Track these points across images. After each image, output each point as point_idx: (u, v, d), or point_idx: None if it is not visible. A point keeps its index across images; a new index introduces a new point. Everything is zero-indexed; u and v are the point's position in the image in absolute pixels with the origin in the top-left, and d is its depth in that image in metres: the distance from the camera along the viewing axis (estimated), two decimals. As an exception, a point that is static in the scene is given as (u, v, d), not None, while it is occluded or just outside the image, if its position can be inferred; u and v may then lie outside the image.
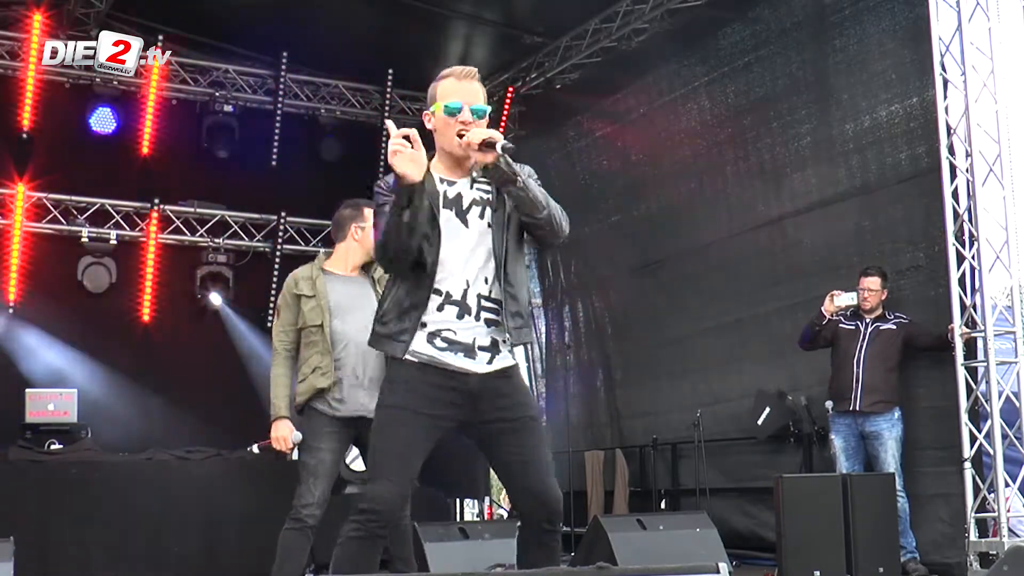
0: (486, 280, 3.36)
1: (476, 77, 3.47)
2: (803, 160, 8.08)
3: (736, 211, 8.65)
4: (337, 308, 4.87)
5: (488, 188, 3.42)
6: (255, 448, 4.65)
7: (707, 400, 8.70)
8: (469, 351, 3.33)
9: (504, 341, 3.38)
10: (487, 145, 3.24)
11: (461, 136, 3.32)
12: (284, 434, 4.87)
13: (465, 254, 3.36)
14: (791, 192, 8.17)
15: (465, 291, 3.34)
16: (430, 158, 3.41)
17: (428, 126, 3.47)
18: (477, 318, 3.34)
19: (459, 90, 3.42)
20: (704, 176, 8.99)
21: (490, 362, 3.35)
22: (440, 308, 3.33)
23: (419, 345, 3.31)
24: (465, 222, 3.38)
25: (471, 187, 3.42)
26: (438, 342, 3.32)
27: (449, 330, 3.32)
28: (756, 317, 8.41)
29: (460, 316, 3.33)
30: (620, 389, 10.06)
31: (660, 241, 9.41)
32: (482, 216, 3.38)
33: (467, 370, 3.32)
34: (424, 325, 3.32)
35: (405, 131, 3.23)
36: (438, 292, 3.33)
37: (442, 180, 3.41)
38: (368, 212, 4.94)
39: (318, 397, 4.83)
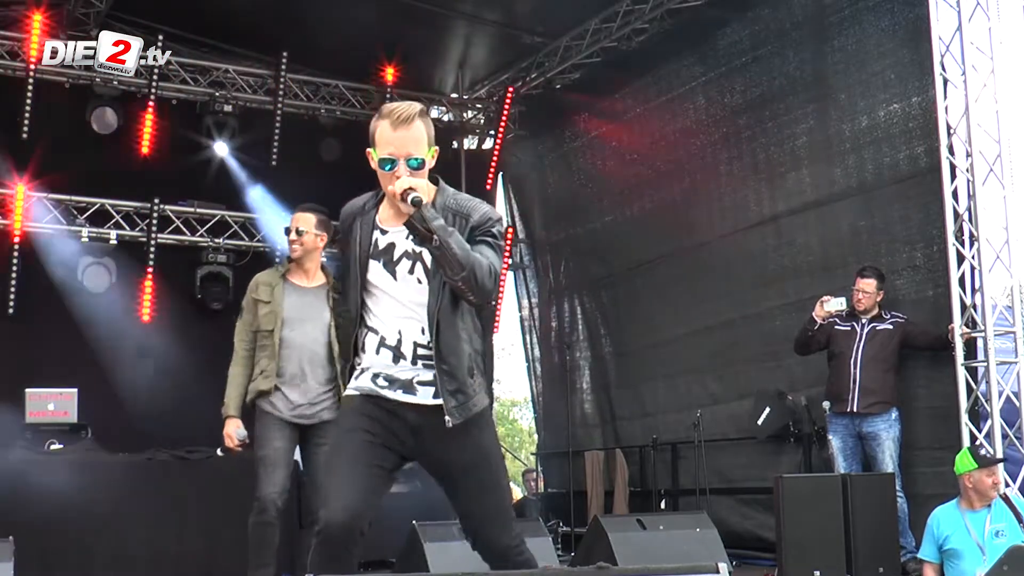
0: (423, 331, 3.26)
1: (415, 119, 3.19)
2: (800, 160, 8.08)
3: (732, 211, 8.65)
4: (290, 318, 5.18)
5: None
6: (219, 451, 5.27)
7: (705, 401, 8.71)
8: (407, 387, 3.28)
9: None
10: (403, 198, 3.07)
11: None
12: (230, 431, 5.18)
13: (394, 306, 3.28)
14: (787, 192, 8.17)
15: (399, 340, 3.28)
16: (380, 200, 3.34)
17: (372, 165, 3.29)
18: (414, 363, 3.28)
19: (394, 140, 3.17)
20: (700, 176, 8.99)
21: (436, 396, 3.25)
22: (377, 351, 3.30)
23: (363, 382, 3.32)
24: (393, 274, 3.28)
25: (407, 237, 3.25)
26: (380, 380, 3.30)
27: (388, 370, 3.29)
28: (752, 317, 8.41)
29: (395, 360, 3.28)
30: (616, 390, 10.06)
31: (656, 241, 9.41)
32: (412, 271, 3.25)
33: (406, 402, 3.28)
34: (366, 369, 3.31)
35: None
36: (374, 331, 3.30)
37: (377, 228, 3.31)
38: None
39: (263, 398, 5.14)
